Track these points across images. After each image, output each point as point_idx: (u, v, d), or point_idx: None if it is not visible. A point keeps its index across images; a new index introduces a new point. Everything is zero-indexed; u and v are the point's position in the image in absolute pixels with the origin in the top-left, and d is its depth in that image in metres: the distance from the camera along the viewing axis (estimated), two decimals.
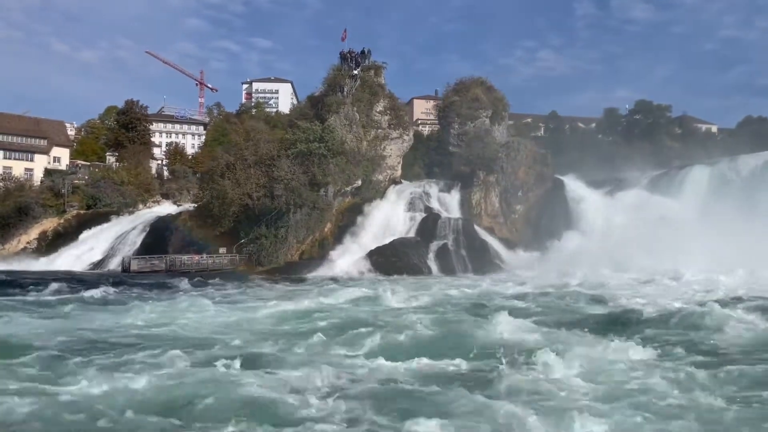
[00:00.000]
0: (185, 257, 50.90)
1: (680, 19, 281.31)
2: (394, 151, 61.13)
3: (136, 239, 60.77)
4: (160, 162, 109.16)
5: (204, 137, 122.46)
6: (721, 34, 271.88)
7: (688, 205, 56.12)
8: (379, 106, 60.80)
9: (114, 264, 57.38)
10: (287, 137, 55.21)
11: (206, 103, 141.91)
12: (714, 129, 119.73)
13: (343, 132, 57.07)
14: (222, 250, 54.48)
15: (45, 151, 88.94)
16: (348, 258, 50.37)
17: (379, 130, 60.23)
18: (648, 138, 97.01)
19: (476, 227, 55.06)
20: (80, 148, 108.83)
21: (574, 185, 59.48)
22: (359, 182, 56.91)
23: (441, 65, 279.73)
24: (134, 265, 49.86)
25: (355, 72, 61.29)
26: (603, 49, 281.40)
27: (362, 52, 62.97)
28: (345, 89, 59.87)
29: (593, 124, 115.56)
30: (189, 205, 65.68)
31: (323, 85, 62.06)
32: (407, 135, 62.37)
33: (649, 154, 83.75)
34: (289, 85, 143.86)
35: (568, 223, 55.59)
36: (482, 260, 51.61)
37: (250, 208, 53.58)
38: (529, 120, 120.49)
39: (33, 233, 68.11)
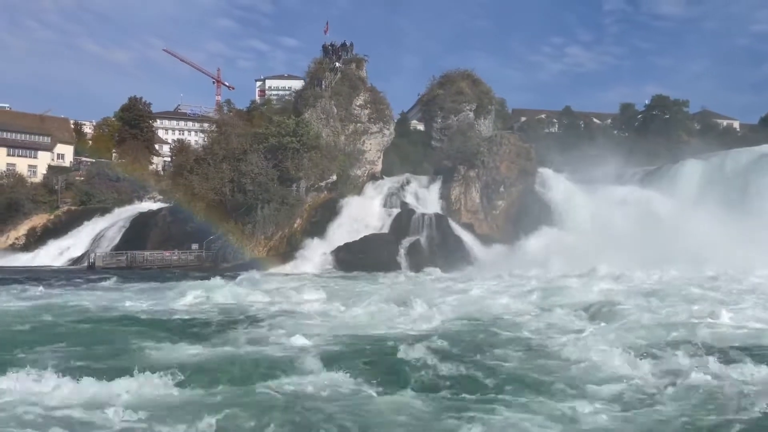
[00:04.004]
0: (147, 253, 50.56)
1: (711, 14, 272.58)
2: (374, 145, 59.68)
3: (116, 235, 60.82)
4: (167, 159, 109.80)
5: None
6: (754, 29, 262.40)
7: (677, 201, 53.69)
8: (359, 100, 59.43)
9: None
10: (260, 131, 54.30)
11: (223, 101, 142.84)
12: (736, 124, 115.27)
13: (319, 126, 55.92)
14: (194, 246, 54.02)
15: (49, 148, 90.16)
16: (315, 254, 49.13)
17: (359, 124, 58.88)
18: (664, 133, 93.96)
19: (452, 223, 53.25)
20: (95, 146, 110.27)
21: (557, 181, 57.24)
22: (334, 177, 55.64)
23: (466, 62, 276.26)
24: (99, 262, 49.75)
25: (336, 65, 60.08)
26: (632, 45, 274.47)
27: (343, 44, 61.77)
28: (324, 83, 58.70)
29: (609, 120, 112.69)
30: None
31: (305, 78, 61.08)
32: (388, 129, 60.86)
33: (663, 150, 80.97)
34: (302, 82, 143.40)
35: (548, 219, 53.50)
36: (455, 257, 49.72)
37: (222, 203, 52.88)
38: (543, 116, 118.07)
39: (22, 229, 68.92)
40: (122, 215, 65.03)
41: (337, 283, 35.34)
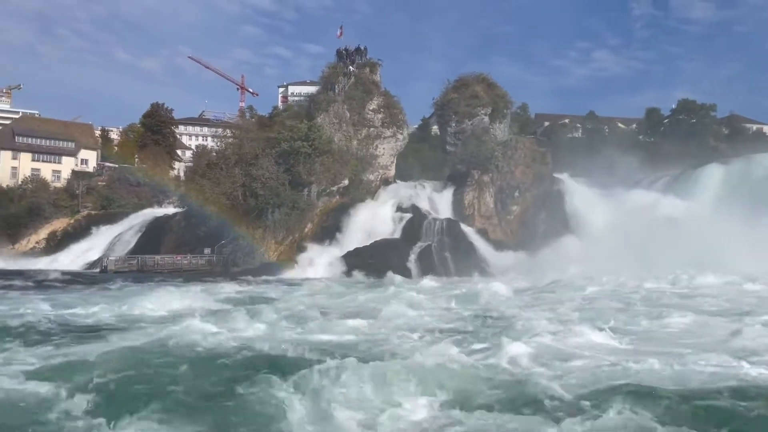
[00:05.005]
0: (158, 257, 50.76)
1: (742, 18, 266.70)
2: (387, 150, 59.28)
3: (131, 239, 61.23)
4: (189, 165, 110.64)
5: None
6: None
7: (698, 206, 52.26)
8: (373, 104, 59.14)
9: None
10: (272, 136, 54.34)
11: (246, 108, 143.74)
12: (766, 129, 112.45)
13: (331, 130, 55.75)
14: (207, 250, 54.06)
15: (72, 154, 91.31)
16: (324, 259, 48.93)
17: (372, 129, 58.52)
18: (691, 138, 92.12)
19: (464, 228, 52.52)
20: (120, 151, 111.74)
21: (573, 185, 56.20)
22: (346, 182, 55.33)
23: (491, 67, 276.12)
24: (111, 265, 50.18)
25: (350, 69, 59.89)
26: (660, 49, 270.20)
27: (357, 48, 61.56)
28: (337, 87, 58.56)
29: (634, 125, 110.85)
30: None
31: (312, 83, 61.10)
32: (401, 134, 60.42)
33: (690, 155, 79.28)
34: None
35: (564, 225, 52.45)
36: (467, 262, 48.98)
37: (235, 207, 52.95)
38: (566, 121, 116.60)
39: (43, 233, 69.73)
40: (139, 219, 65.50)
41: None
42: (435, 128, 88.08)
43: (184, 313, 20.97)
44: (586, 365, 12.70)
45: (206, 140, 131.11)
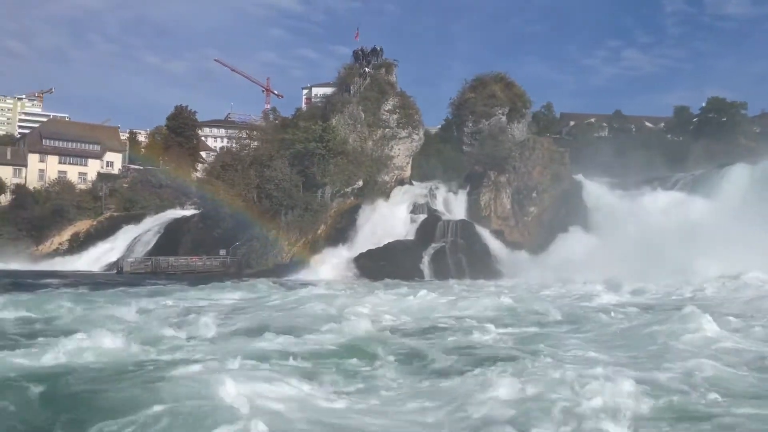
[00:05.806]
0: (171, 259, 51.04)
1: None
2: (403, 150, 58.77)
3: (150, 240, 61.76)
4: None
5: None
6: None
7: (723, 208, 50.61)
8: (388, 105, 58.71)
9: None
10: (286, 137, 54.36)
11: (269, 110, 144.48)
12: None
13: (346, 131, 55.53)
14: (222, 251, 54.27)
15: (98, 156, 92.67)
16: (335, 261, 48.64)
17: (387, 130, 58.11)
18: (721, 137, 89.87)
19: (479, 230, 51.78)
20: (147, 153, 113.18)
21: (592, 186, 54.96)
22: (360, 183, 55.06)
23: (519, 68, 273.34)
24: (127, 267, 50.64)
25: (366, 70, 59.59)
26: (692, 47, 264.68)
27: (374, 49, 61.29)
28: (352, 88, 58.33)
29: (662, 124, 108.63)
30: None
31: (335, 84, 60.97)
32: (417, 134, 59.83)
33: (719, 155, 77.28)
34: None
35: (583, 226, 51.29)
36: (481, 264, 48.29)
37: (250, 209, 53.07)
38: (592, 120, 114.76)
39: (66, 234, 70.69)
40: (158, 221, 66.10)
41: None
42: None
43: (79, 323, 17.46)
44: None
45: (231, 142, 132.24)
